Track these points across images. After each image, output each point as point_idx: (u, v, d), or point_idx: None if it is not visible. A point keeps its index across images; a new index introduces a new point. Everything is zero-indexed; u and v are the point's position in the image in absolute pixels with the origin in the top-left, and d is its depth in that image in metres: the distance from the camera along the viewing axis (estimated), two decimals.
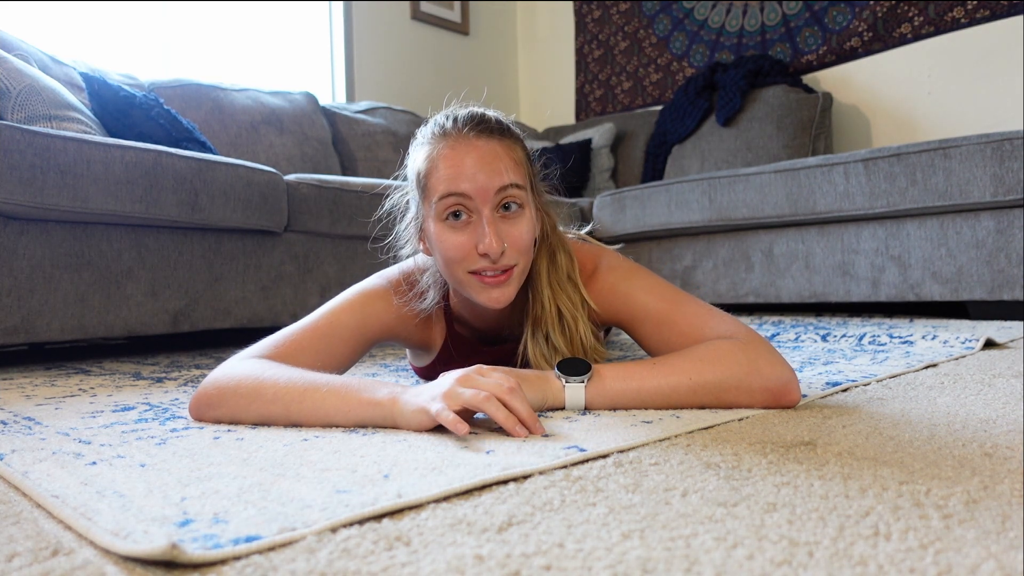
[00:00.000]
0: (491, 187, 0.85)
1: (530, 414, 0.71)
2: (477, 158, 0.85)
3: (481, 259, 0.85)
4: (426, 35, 3.67)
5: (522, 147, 0.92)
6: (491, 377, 0.72)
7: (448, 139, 0.87)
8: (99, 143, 1.54)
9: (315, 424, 0.78)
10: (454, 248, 0.86)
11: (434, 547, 0.42)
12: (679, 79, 3.48)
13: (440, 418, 0.68)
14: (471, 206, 0.85)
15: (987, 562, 0.38)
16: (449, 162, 0.85)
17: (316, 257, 2.02)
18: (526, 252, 0.89)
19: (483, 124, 0.88)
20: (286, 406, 0.78)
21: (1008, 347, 1.37)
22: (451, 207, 0.85)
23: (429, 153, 0.88)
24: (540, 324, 0.96)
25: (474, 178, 0.84)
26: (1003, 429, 0.69)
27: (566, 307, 0.95)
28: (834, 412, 0.80)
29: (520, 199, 0.87)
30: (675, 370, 0.82)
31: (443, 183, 0.85)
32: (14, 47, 1.93)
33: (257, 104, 2.62)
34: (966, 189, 1.90)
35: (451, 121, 0.89)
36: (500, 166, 0.85)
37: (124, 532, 0.44)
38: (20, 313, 1.48)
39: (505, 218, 0.87)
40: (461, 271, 0.87)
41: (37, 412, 0.94)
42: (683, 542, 0.42)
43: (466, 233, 0.86)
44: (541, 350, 0.95)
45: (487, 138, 0.87)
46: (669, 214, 2.48)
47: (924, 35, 2.73)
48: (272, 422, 0.79)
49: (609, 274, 0.98)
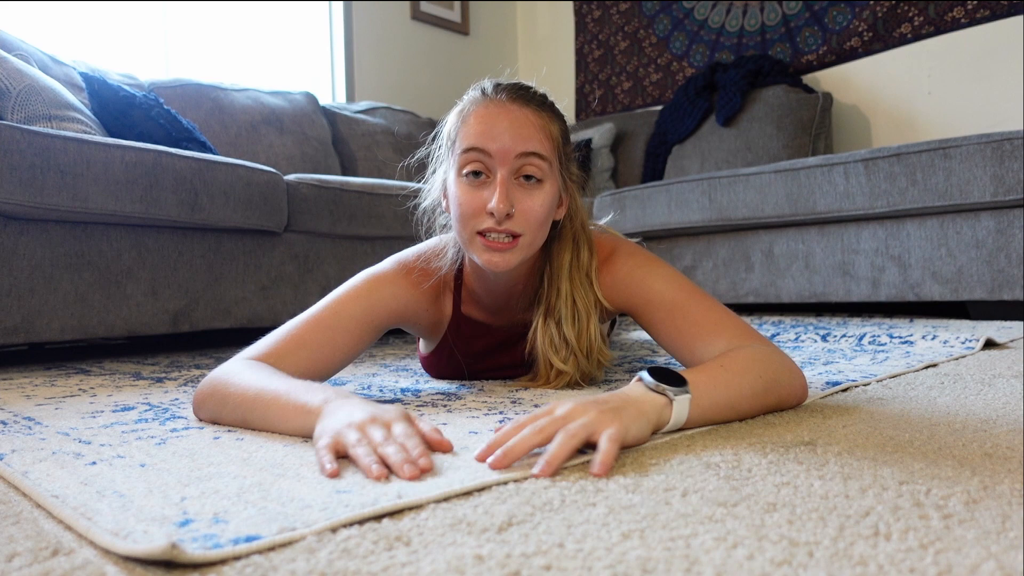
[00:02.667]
0: (513, 150, 0.85)
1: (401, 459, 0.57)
2: (507, 121, 0.86)
3: (488, 218, 0.86)
4: (426, 35, 3.67)
5: (560, 125, 0.92)
6: (387, 445, 0.59)
7: (485, 100, 0.89)
8: (99, 143, 1.54)
9: (266, 432, 0.75)
10: (467, 203, 0.87)
11: (434, 547, 0.42)
12: (679, 79, 3.48)
13: (317, 453, 0.61)
14: (491, 165, 0.86)
15: (987, 562, 0.38)
16: (479, 119, 0.87)
17: (316, 257, 2.02)
18: (536, 226, 0.88)
19: (522, 92, 0.90)
20: (243, 415, 0.77)
21: (1008, 347, 1.37)
22: (471, 162, 0.87)
23: (463, 109, 0.91)
24: (553, 312, 0.96)
25: (499, 138, 0.85)
26: (1003, 429, 0.69)
27: (581, 301, 0.96)
28: (834, 412, 0.80)
29: (541, 171, 0.87)
30: (741, 375, 0.75)
31: (469, 138, 0.87)
32: (14, 47, 1.93)
33: (257, 104, 2.62)
34: (966, 189, 1.90)
35: (492, 86, 0.91)
36: (528, 133, 0.86)
37: (124, 532, 0.44)
38: (20, 313, 1.48)
39: (522, 186, 0.87)
40: (470, 229, 0.88)
41: (37, 412, 0.94)
42: (683, 542, 0.42)
43: (481, 191, 0.87)
44: (551, 338, 0.96)
45: (522, 105, 0.88)
46: (669, 214, 2.48)
47: (924, 35, 2.73)
48: (239, 427, 0.78)
49: (628, 259, 0.98)
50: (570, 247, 0.97)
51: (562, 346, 0.95)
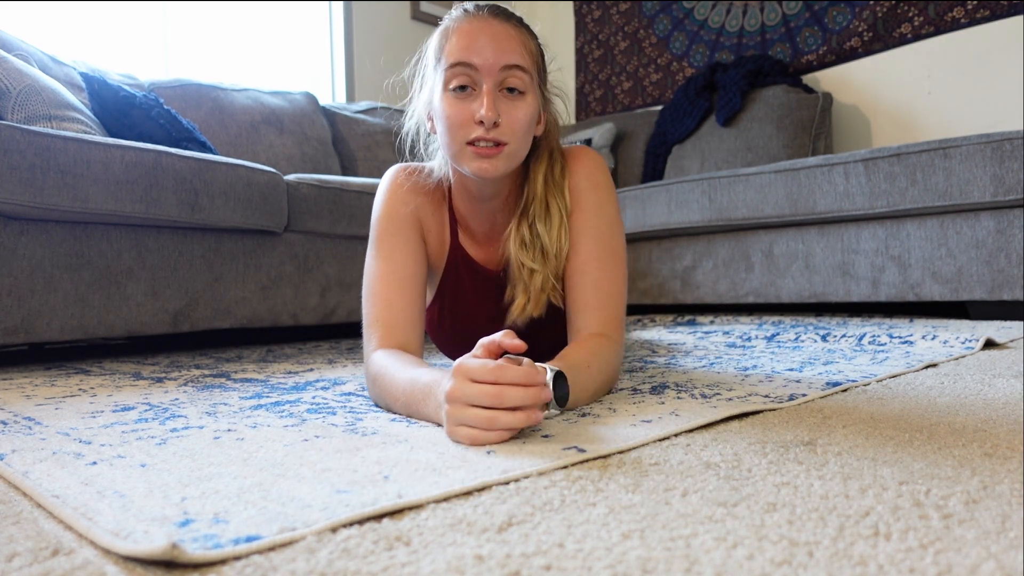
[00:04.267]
0: (497, 63, 0.89)
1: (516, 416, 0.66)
2: (490, 35, 0.90)
3: (477, 128, 0.90)
4: (426, 35, 3.63)
5: (536, 43, 0.97)
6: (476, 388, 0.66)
7: (467, 16, 0.93)
8: (99, 143, 1.54)
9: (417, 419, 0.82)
10: (455, 115, 0.90)
11: (434, 547, 0.42)
12: (679, 79, 3.48)
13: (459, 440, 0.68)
14: (476, 79, 0.90)
15: (987, 562, 0.38)
16: (462, 34, 0.91)
17: (316, 257, 2.02)
18: (520, 135, 0.92)
19: (502, 10, 0.94)
20: (401, 405, 0.84)
21: (1008, 347, 1.37)
22: (457, 76, 0.90)
23: (446, 27, 0.94)
24: (527, 213, 1.01)
25: (482, 52, 0.89)
26: (1003, 429, 0.69)
27: (554, 205, 1.01)
28: (834, 412, 0.80)
29: (523, 84, 0.91)
30: (601, 381, 0.89)
31: (454, 53, 0.90)
32: (14, 47, 1.93)
33: (257, 104, 2.62)
34: (966, 189, 1.90)
35: (473, 5, 0.95)
36: (510, 46, 0.90)
37: (124, 532, 0.44)
38: (20, 313, 1.48)
39: (507, 97, 0.91)
40: (459, 140, 0.91)
41: (37, 412, 0.94)
42: (683, 542, 0.42)
43: (468, 103, 0.90)
44: (523, 238, 1.00)
45: (503, 21, 0.93)
46: (669, 214, 2.48)
47: (924, 35, 2.73)
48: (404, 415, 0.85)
49: (581, 198, 1.02)
50: (546, 161, 1.03)
51: (532, 245, 1.00)
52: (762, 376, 1.09)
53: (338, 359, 1.56)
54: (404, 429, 0.76)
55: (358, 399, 0.99)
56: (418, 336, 0.98)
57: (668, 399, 0.90)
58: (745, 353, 1.43)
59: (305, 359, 1.58)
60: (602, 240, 1.00)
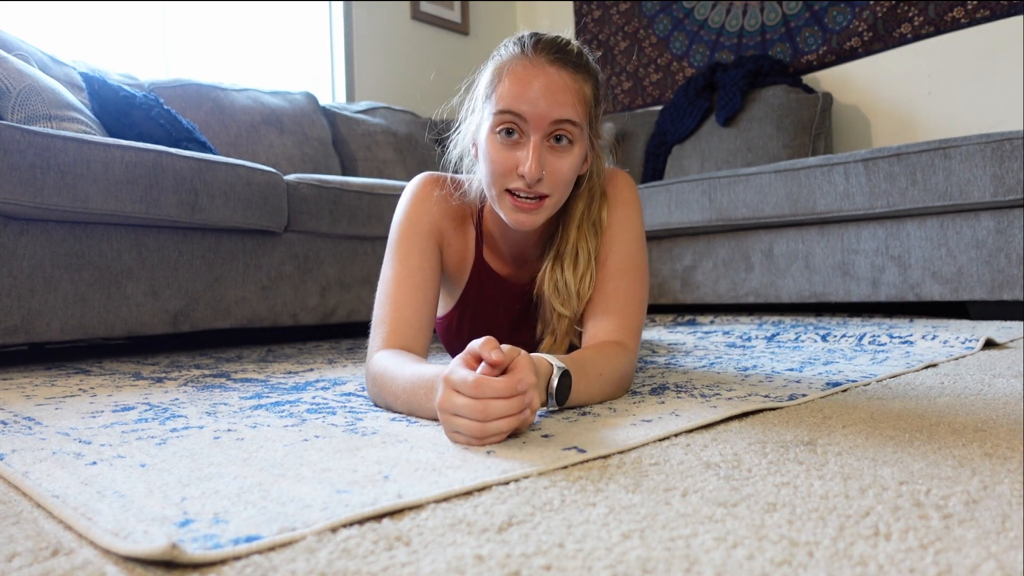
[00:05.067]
0: (548, 117, 0.87)
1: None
2: (544, 84, 0.87)
3: (519, 180, 0.89)
4: (426, 35, 3.67)
5: (594, 85, 0.94)
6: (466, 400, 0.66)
7: (524, 58, 0.89)
8: (99, 143, 1.54)
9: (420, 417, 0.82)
10: (499, 162, 0.89)
11: (434, 547, 0.42)
12: (679, 79, 3.48)
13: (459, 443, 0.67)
14: (524, 128, 0.88)
15: (987, 562, 0.38)
16: (516, 79, 0.88)
17: (316, 257, 2.02)
18: (563, 186, 0.92)
19: (561, 52, 0.90)
20: (400, 407, 0.84)
21: (1008, 347, 1.37)
22: (506, 123, 0.88)
23: (501, 64, 0.91)
24: (561, 257, 1.01)
25: (535, 103, 0.86)
26: (1003, 429, 0.69)
27: (584, 250, 1.01)
28: (834, 412, 0.80)
29: (572, 136, 0.89)
30: (607, 385, 0.89)
31: (505, 99, 0.88)
32: (14, 47, 1.93)
33: (257, 104, 2.62)
34: (966, 189, 1.90)
35: (532, 40, 0.91)
36: (564, 99, 0.87)
37: (124, 532, 0.44)
38: (20, 313, 1.48)
39: (553, 149, 0.89)
40: (500, 187, 0.91)
41: (37, 412, 0.94)
42: (683, 542, 0.42)
43: (513, 151, 0.89)
44: (555, 282, 1.01)
45: (560, 67, 0.88)
46: (669, 214, 2.48)
47: (924, 35, 2.73)
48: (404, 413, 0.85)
49: (614, 213, 1.03)
50: (586, 198, 1.02)
51: (563, 290, 1.01)
52: (762, 376, 1.09)
53: (338, 359, 1.56)
54: (404, 429, 0.76)
55: (358, 399, 0.99)
56: (424, 341, 0.97)
57: (668, 399, 0.90)
58: (745, 353, 1.43)
59: (305, 359, 1.58)
60: (626, 252, 1.01)
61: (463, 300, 1.12)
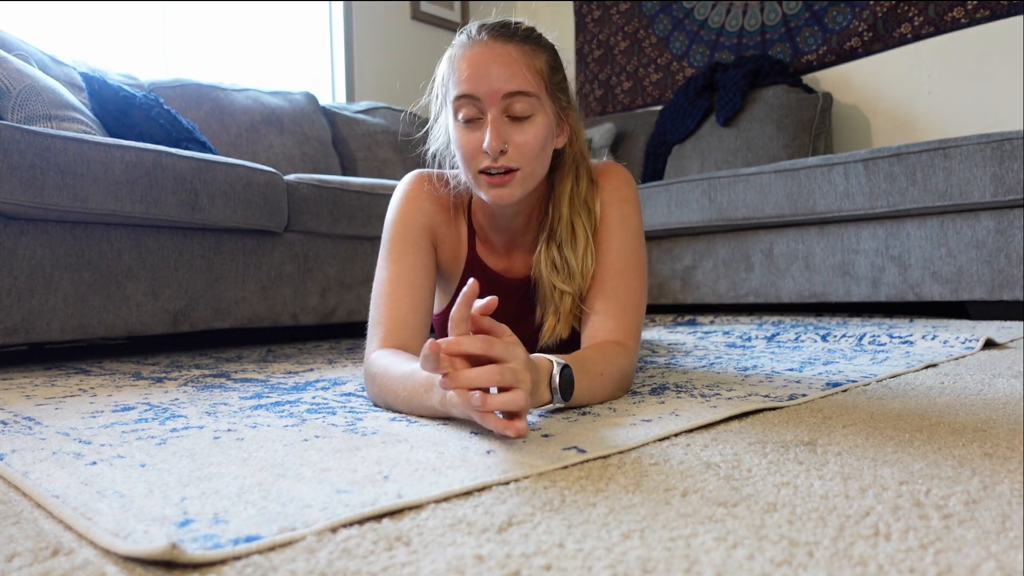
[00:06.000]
0: (500, 91, 0.88)
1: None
2: (489, 61, 0.88)
3: (485, 157, 0.89)
4: (426, 35, 3.67)
5: (547, 56, 0.93)
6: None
7: (471, 42, 0.91)
8: (99, 143, 1.54)
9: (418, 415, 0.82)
10: (465, 145, 0.91)
11: (434, 547, 0.42)
12: (679, 79, 3.48)
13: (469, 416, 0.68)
14: (482, 107, 0.89)
15: (987, 562, 0.38)
16: (465, 64, 0.89)
17: (316, 257, 2.02)
18: (532, 158, 0.91)
19: (504, 29, 0.91)
20: (400, 406, 0.85)
21: (1008, 347, 1.37)
22: (463, 107, 0.90)
23: (451, 55, 0.93)
24: (555, 235, 1.01)
25: (485, 80, 0.88)
26: (1003, 429, 0.69)
27: (580, 226, 1.01)
28: (834, 412, 0.80)
29: (528, 108, 0.90)
30: (609, 386, 0.89)
31: (458, 85, 0.90)
32: (14, 47, 1.93)
33: (257, 104, 2.62)
34: (966, 189, 1.90)
35: (476, 27, 0.93)
36: (512, 71, 0.88)
37: (124, 532, 0.44)
38: (20, 313, 1.48)
39: (513, 122, 0.90)
40: (473, 169, 0.92)
41: (37, 412, 0.94)
42: (683, 542, 0.42)
43: (476, 132, 0.90)
44: (552, 260, 1.01)
45: (504, 42, 0.89)
46: (669, 214, 2.48)
47: (924, 35, 2.73)
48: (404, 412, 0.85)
49: (610, 206, 1.02)
50: (572, 174, 1.02)
51: (563, 267, 1.01)
52: (762, 376, 1.09)
53: (338, 359, 1.56)
54: (404, 429, 0.76)
55: (358, 399, 0.99)
56: (421, 340, 0.97)
57: (668, 399, 0.90)
58: (745, 353, 1.43)
59: (305, 359, 1.58)
60: (624, 250, 1.00)
61: (457, 296, 1.11)
